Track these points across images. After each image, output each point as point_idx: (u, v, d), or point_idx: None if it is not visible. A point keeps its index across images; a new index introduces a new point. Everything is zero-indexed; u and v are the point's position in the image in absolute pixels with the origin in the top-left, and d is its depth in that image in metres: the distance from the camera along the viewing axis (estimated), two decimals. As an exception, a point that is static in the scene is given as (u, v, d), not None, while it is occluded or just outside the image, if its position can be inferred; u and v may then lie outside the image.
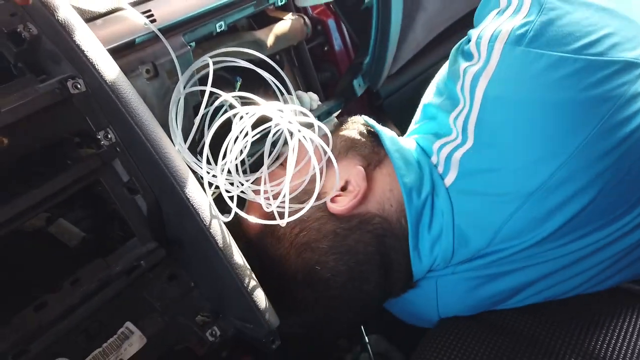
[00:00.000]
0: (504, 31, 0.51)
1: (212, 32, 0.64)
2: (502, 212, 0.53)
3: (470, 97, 0.52)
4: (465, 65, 0.54)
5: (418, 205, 0.55)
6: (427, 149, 0.59)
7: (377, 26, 0.91)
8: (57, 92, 0.43)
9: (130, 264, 0.48)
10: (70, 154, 0.53)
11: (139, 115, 0.45)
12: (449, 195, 0.55)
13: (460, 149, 0.54)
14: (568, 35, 0.49)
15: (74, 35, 0.43)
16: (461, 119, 0.53)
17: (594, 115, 0.48)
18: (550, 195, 0.51)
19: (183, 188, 0.46)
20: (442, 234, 0.55)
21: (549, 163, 0.50)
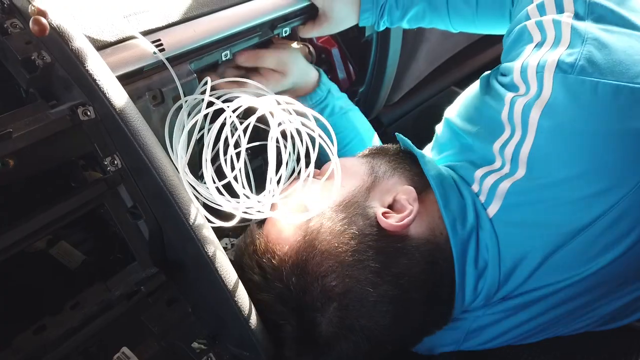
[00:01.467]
0: (551, 61, 0.50)
1: (218, 60, 0.65)
2: (547, 245, 0.51)
3: (522, 127, 0.50)
4: (511, 95, 0.52)
5: (463, 237, 0.53)
6: (467, 177, 0.56)
7: (374, 59, 0.94)
8: (67, 118, 0.44)
9: (131, 288, 0.49)
10: (75, 176, 0.54)
11: (146, 143, 0.45)
12: (493, 227, 0.52)
13: (508, 179, 0.52)
14: (619, 64, 0.48)
15: (87, 64, 0.44)
16: (510, 148, 0.51)
17: None
18: (605, 231, 0.49)
19: (186, 215, 0.47)
20: (487, 268, 0.53)
21: (607, 196, 0.48)
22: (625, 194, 0.47)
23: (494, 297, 0.54)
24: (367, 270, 0.50)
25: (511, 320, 0.56)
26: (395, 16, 0.74)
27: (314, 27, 0.76)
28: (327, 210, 0.54)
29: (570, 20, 0.51)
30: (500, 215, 0.52)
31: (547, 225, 0.50)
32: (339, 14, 0.74)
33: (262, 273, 0.53)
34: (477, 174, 0.55)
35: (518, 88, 0.52)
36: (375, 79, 0.97)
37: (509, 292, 0.54)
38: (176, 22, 0.58)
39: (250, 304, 0.51)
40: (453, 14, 0.71)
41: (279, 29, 0.71)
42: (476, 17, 0.70)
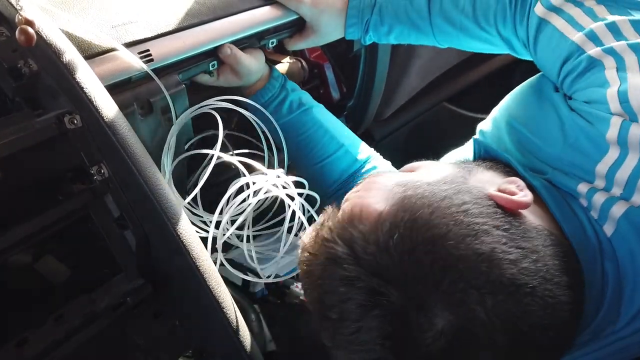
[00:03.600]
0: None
1: (205, 70, 0.65)
2: None
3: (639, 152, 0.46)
4: (619, 119, 0.47)
5: (588, 255, 0.46)
6: (570, 189, 0.50)
7: (363, 73, 0.94)
8: (53, 126, 0.44)
9: (116, 300, 0.48)
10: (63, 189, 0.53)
11: (134, 152, 0.45)
12: (613, 248, 0.47)
13: (621, 202, 0.47)
14: None
15: (75, 73, 0.44)
16: (625, 172, 0.46)
17: None
18: None
19: (175, 225, 0.46)
20: (606, 297, 0.47)
21: None
22: None
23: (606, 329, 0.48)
24: (494, 237, 0.41)
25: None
26: (381, 32, 0.75)
27: (301, 39, 0.77)
28: (424, 184, 0.46)
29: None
30: (616, 238, 0.47)
31: None
32: (325, 27, 0.75)
33: (348, 246, 0.42)
34: (582, 189, 0.49)
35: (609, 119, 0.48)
36: (363, 93, 0.97)
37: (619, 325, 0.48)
38: (165, 33, 0.59)
39: (239, 317, 0.50)
40: (437, 33, 0.71)
41: (266, 40, 0.72)
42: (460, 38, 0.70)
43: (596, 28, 0.51)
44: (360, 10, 0.73)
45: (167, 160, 0.63)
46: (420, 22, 0.71)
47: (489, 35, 0.65)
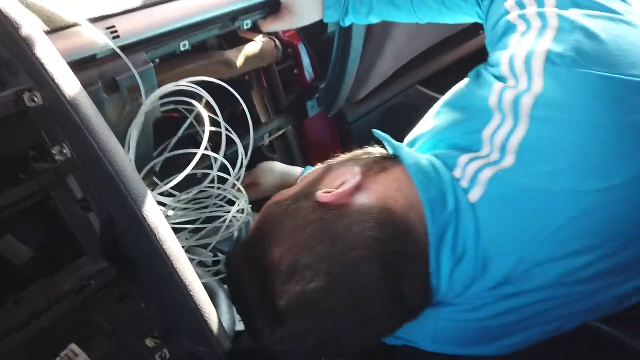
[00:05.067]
0: (539, 52, 0.49)
1: (176, 50, 0.64)
2: (531, 237, 0.50)
3: (513, 116, 0.50)
4: (500, 85, 0.52)
5: (441, 222, 0.52)
6: (449, 162, 0.55)
7: (336, 55, 0.94)
8: (11, 104, 0.42)
9: (80, 283, 0.47)
10: (24, 167, 0.51)
11: (97, 131, 0.44)
12: (474, 213, 0.52)
13: (493, 167, 0.51)
14: (610, 55, 0.47)
15: (35, 49, 0.42)
16: (500, 136, 0.51)
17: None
18: (592, 221, 0.49)
19: (140, 207, 0.45)
20: (464, 255, 0.52)
21: (596, 188, 0.48)
22: (614, 186, 0.47)
23: (471, 286, 0.53)
24: (306, 236, 0.52)
25: (489, 309, 0.56)
26: (361, 12, 0.74)
27: (276, 21, 0.75)
28: (278, 201, 0.58)
29: (555, 9, 0.51)
30: (482, 202, 0.51)
31: (531, 216, 0.50)
32: (302, 8, 0.73)
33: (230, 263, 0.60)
34: (462, 160, 0.54)
35: (507, 80, 0.51)
36: (336, 75, 0.97)
37: (488, 283, 0.53)
38: (133, 9, 0.57)
39: (206, 298, 0.50)
40: (418, 7, 0.71)
41: (239, 21, 0.70)
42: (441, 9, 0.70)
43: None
44: None
45: (133, 138, 0.61)
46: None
47: (466, 3, 0.66)
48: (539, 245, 0.50)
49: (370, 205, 0.53)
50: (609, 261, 0.51)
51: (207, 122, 0.61)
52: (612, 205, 0.48)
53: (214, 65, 0.79)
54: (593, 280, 0.52)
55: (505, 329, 0.56)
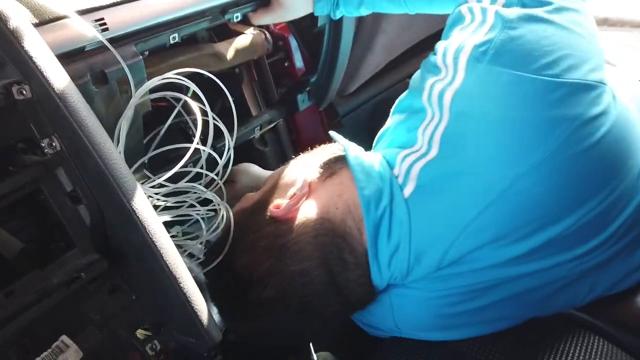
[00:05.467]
0: (467, 47, 0.53)
1: (165, 43, 0.64)
2: (456, 224, 0.54)
3: (439, 110, 0.54)
4: (432, 79, 0.55)
5: (376, 217, 0.56)
6: (391, 160, 0.59)
7: (327, 49, 0.94)
8: (0, 97, 0.42)
9: (70, 275, 0.47)
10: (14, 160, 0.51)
11: (86, 124, 0.44)
12: (407, 206, 0.55)
13: (422, 160, 0.55)
14: (527, 55, 0.51)
15: (23, 42, 0.42)
16: (429, 130, 0.54)
17: (548, 136, 0.50)
18: (496, 215, 0.53)
19: (130, 199, 0.46)
20: (399, 245, 0.55)
21: (502, 179, 0.51)
22: (523, 173, 0.51)
23: (408, 273, 0.57)
24: (256, 252, 0.59)
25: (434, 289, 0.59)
26: (352, 4, 0.74)
27: (267, 14, 0.75)
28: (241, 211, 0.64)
29: (497, 7, 0.54)
30: (414, 195, 0.55)
31: (454, 205, 0.53)
32: (292, 1, 0.74)
33: None
34: (399, 157, 0.57)
35: (440, 71, 0.54)
36: (327, 69, 0.97)
37: (426, 273, 0.57)
38: (122, 2, 0.56)
39: (196, 291, 0.50)
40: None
41: (230, 14, 0.70)
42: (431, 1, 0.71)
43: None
44: None
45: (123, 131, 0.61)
46: None
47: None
48: (463, 232, 0.54)
49: (313, 217, 0.58)
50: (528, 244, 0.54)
51: (199, 116, 0.61)
52: (523, 191, 0.52)
53: (204, 58, 0.79)
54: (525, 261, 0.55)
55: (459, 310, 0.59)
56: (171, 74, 0.63)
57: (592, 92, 0.51)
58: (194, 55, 0.77)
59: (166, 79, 0.62)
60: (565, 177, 0.52)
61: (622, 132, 0.54)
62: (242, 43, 0.86)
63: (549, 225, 0.54)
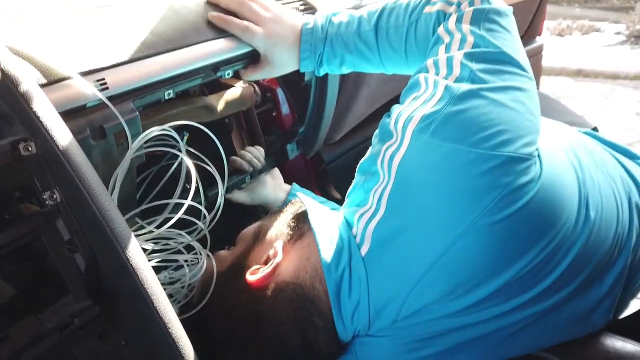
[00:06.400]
0: (415, 118, 0.58)
1: (161, 99, 0.68)
2: (407, 281, 0.58)
3: (387, 173, 0.59)
4: (386, 144, 0.60)
5: (337, 277, 0.60)
6: (350, 220, 0.64)
7: (313, 102, 0.99)
8: (8, 153, 0.46)
9: (64, 321, 0.49)
10: (10, 208, 0.54)
11: (87, 179, 0.47)
12: (364, 264, 0.59)
13: (374, 219, 0.60)
14: (466, 130, 0.56)
15: (32, 103, 0.46)
16: (379, 191, 0.60)
17: (481, 201, 0.55)
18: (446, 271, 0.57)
19: (124, 249, 0.49)
20: (360, 301, 0.60)
21: (443, 240, 0.56)
22: (455, 238, 0.55)
23: (370, 325, 0.61)
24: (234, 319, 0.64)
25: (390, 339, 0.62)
26: (334, 64, 0.80)
27: (256, 71, 0.81)
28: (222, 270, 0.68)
29: (448, 81, 0.59)
30: (370, 253, 0.60)
31: (405, 262, 0.58)
32: (279, 59, 0.79)
33: None
34: (356, 216, 0.62)
35: (392, 136, 0.60)
36: (314, 120, 1.02)
37: (386, 325, 0.61)
38: (121, 63, 0.61)
39: (184, 335, 0.53)
40: (386, 60, 0.78)
41: (221, 71, 0.75)
42: (407, 63, 0.77)
43: (441, 59, 0.63)
44: (312, 44, 0.78)
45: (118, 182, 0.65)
46: (369, 53, 0.77)
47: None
48: (414, 288, 0.58)
49: (287, 282, 0.63)
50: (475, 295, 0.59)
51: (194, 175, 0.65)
52: (463, 249, 0.56)
53: (195, 110, 0.84)
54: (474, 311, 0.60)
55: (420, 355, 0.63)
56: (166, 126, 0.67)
57: (523, 164, 0.56)
58: (186, 108, 0.81)
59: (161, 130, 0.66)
60: (500, 237, 0.56)
61: (552, 192, 0.58)
62: (232, 95, 0.91)
63: (491, 278, 0.58)
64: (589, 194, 0.64)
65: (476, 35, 0.63)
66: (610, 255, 0.65)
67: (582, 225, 0.61)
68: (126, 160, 0.64)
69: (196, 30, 0.71)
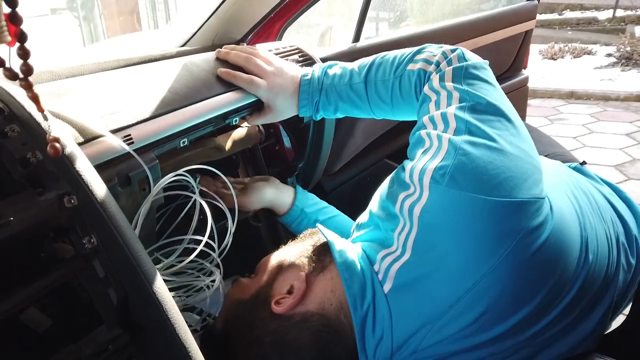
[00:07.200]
0: (429, 170, 0.63)
1: (177, 146, 0.77)
2: (428, 320, 0.62)
3: (409, 220, 0.63)
4: (403, 194, 0.65)
5: (362, 314, 0.64)
6: (372, 257, 0.68)
7: (311, 141, 1.08)
8: (54, 205, 0.54)
9: (100, 348, 0.57)
10: (45, 247, 0.62)
11: (120, 225, 0.55)
12: (387, 302, 0.63)
13: (398, 261, 0.63)
14: (478, 179, 0.60)
15: (75, 163, 0.54)
16: (403, 236, 0.63)
17: (500, 245, 0.59)
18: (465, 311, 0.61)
19: (151, 284, 0.57)
20: (383, 336, 0.63)
21: (465, 281, 0.60)
22: (477, 280, 0.60)
23: (391, 357, 0.65)
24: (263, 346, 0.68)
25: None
26: (329, 110, 0.89)
27: (260, 117, 0.90)
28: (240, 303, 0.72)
29: (449, 135, 0.65)
30: (393, 292, 0.64)
31: (427, 302, 0.62)
32: (281, 107, 0.88)
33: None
34: (380, 255, 0.67)
35: (408, 187, 0.65)
36: (312, 157, 1.11)
37: (408, 351, 0.64)
38: (143, 120, 0.70)
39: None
40: (375, 108, 0.86)
41: (230, 119, 0.84)
42: (393, 111, 0.85)
43: (436, 116, 0.69)
44: (309, 93, 0.87)
45: (140, 223, 0.73)
46: (360, 102, 0.85)
47: (412, 108, 0.81)
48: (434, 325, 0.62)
49: (312, 313, 0.67)
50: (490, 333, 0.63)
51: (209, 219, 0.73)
52: (482, 291, 0.60)
53: (206, 151, 0.93)
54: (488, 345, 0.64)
55: None
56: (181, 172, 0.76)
57: (533, 207, 0.61)
58: (198, 150, 0.90)
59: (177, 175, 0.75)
60: (517, 278, 0.60)
61: (560, 234, 0.63)
62: (238, 135, 1.00)
63: (506, 318, 0.62)
64: (588, 237, 0.69)
65: (460, 90, 0.70)
66: (600, 291, 0.71)
67: (582, 266, 0.67)
68: (147, 202, 0.72)
69: (207, 86, 0.80)
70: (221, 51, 0.92)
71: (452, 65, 0.73)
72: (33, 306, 0.65)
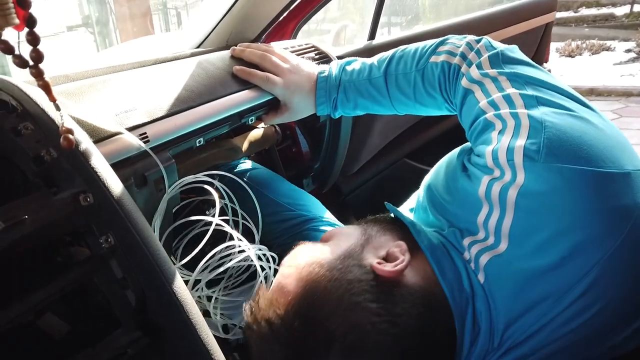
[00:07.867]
0: (517, 147, 0.55)
1: (193, 146, 0.75)
2: (536, 320, 0.55)
3: (500, 205, 0.56)
4: (488, 177, 0.58)
5: (462, 303, 0.57)
6: (457, 244, 0.61)
7: (327, 141, 1.06)
8: (69, 204, 0.52)
9: (118, 351, 0.55)
10: (61, 250, 0.61)
11: (137, 223, 0.54)
12: (485, 294, 0.57)
13: (490, 251, 0.57)
14: (579, 150, 0.53)
15: (90, 160, 0.53)
16: (492, 222, 0.57)
17: (619, 224, 0.51)
18: (576, 300, 0.53)
19: (171, 284, 0.55)
20: (480, 331, 0.57)
21: (580, 268, 0.52)
22: (595, 264, 0.52)
23: (485, 356, 0.58)
24: (366, 312, 0.55)
25: None
26: (348, 107, 0.86)
27: (277, 116, 0.88)
28: (325, 264, 0.60)
29: (524, 110, 0.58)
30: (486, 285, 0.57)
31: (532, 298, 0.55)
32: (298, 105, 0.86)
33: (269, 325, 0.58)
34: (465, 243, 0.60)
35: (492, 171, 0.58)
36: (328, 158, 1.09)
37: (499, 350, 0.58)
38: (159, 118, 0.69)
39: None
40: (396, 103, 0.84)
41: (246, 118, 0.82)
42: (415, 106, 0.83)
43: (496, 98, 0.63)
44: (327, 90, 0.85)
45: (157, 224, 0.71)
46: (380, 97, 0.83)
47: (436, 102, 0.78)
48: (547, 325, 0.55)
49: (417, 288, 0.58)
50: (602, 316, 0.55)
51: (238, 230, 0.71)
52: (605, 275, 0.53)
53: (222, 152, 0.91)
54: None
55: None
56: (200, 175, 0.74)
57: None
58: (215, 151, 0.89)
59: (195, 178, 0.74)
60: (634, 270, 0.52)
61: None
62: (255, 136, 0.99)
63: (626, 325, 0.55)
64: None
65: (506, 74, 0.64)
66: None
67: None
68: (163, 203, 0.71)
69: (223, 84, 0.79)
70: (236, 49, 0.90)
71: (488, 53, 0.68)
72: (50, 312, 0.64)
